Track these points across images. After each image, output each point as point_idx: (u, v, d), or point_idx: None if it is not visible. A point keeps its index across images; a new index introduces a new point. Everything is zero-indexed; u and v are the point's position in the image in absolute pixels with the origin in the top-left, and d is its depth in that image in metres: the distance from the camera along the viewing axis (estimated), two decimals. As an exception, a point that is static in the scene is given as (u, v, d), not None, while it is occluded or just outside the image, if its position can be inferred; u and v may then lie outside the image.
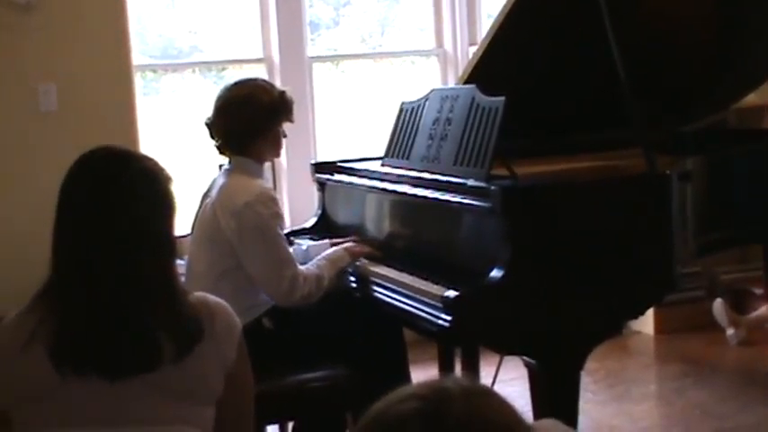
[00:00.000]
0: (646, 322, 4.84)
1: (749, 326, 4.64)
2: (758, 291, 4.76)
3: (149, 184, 1.77)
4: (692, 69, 3.55)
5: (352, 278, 3.11)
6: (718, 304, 4.75)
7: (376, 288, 2.99)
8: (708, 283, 5.06)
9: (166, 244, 1.77)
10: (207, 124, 3.06)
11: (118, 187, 1.74)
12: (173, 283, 1.75)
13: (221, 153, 3.09)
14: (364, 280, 3.07)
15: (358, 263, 3.10)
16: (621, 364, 4.50)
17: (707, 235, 3.26)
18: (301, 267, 2.95)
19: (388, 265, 3.02)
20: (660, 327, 4.89)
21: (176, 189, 1.83)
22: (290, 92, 3.12)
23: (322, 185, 3.67)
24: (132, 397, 1.68)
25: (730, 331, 4.66)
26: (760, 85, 3.88)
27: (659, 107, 3.22)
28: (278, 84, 4.44)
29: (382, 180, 3.27)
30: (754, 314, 4.69)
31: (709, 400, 4.01)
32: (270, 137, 3.04)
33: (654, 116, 3.03)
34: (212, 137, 3.07)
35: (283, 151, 3.29)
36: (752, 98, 4.27)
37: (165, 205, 1.78)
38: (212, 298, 1.82)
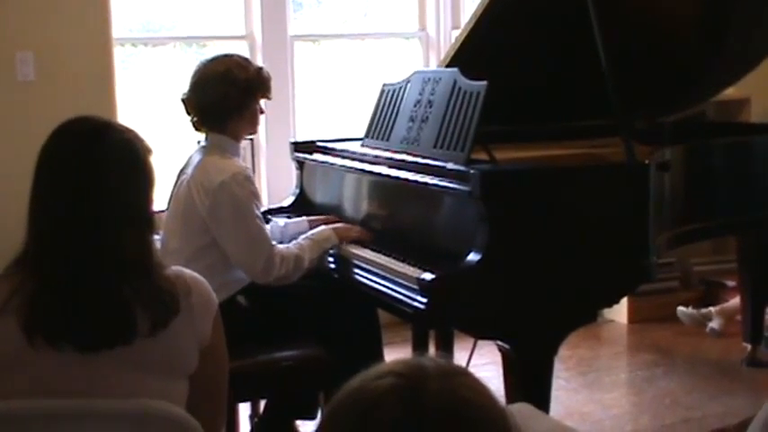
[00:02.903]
0: (619, 311, 4.87)
1: (724, 316, 4.67)
2: (731, 283, 4.80)
3: (128, 156, 1.75)
4: (674, 61, 3.56)
5: (330, 258, 3.11)
6: (681, 313, 4.76)
7: (352, 268, 2.98)
8: (681, 274, 5.10)
9: (144, 216, 1.75)
10: (182, 100, 3.04)
11: (96, 157, 1.73)
12: (149, 256, 1.74)
13: (197, 129, 3.06)
14: (341, 260, 3.07)
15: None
16: (594, 352, 4.53)
17: (682, 226, 3.29)
18: (280, 247, 2.94)
19: (366, 246, 3.02)
20: (633, 316, 4.92)
21: (156, 164, 1.81)
22: (267, 68, 3.10)
23: (300, 164, 3.65)
24: (105, 369, 1.67)
25: (713, 324, 4.66)
26: (740, 78, 3.89)
27: (641, 97, 3.22)
28: (259, 61, 4.42)
29: (361, 161, 3.26)
30: (727, 304, 4.71)
31: (679, 389, 4.05)
32: (246, 114, 3.01)
33: (635, 106, 3.03)
34: (188, 113, 3.04)
35: (262, 129, 3.29)
36: (731, 92, 4.29)
37: (143, 177, 1.77)
38: (189, 272, 1.81)
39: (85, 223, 1.69)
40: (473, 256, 2.60)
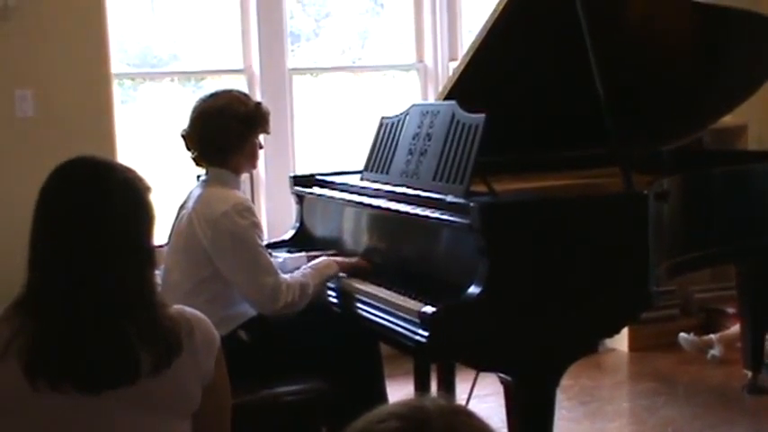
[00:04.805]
0: (620, 339, 4.85)
1: (725, 343, 4.66)
2: (731, 310, 4.80)
3: (129, 196, 1.75)
4: (671, 90, 3.58)
5: (332, 292, 3.11)
6: (682, 339, 4.75)
7: (354, 302, 2.98)
8: (682, 302, 5.10)
9: (145, 255, 1.75)
10: (183, 136, 3.06)
11: (97, 199, 1.73)
12: (152, 296, 1.74)
13: (198, 165, 3.09)
14: (342, 294, 3.07)
15: (340, 275, 3.09)
16: (595, 382, 4.51)
17: (682, 254, 3.29)
18: (284, 276, 2.95)
19: (366, 280, 3.02)
20: (634, 344, 4.91)
21: (155, 199, 1.82)
22: (265, 103, 3.12)
23: (300, 198, 3.66)
24: (108, 410, 1.66)
25: (714, 351, 4.66)
26: (737, 106, 3.91)
27: (639, 126, 3.24)
28: (257, 95, 4.45)
29: (361, 194, 3.27)
30: (728, 332, 4.70)
31: (681, 418, 4.04)
32: (246, 148, 3.04)
33: (633, 135, 3.04)
34: (188, 148, 3.07)
35: (262, 163, 3.30)
36: (728, 119, 4.31)
37: (144, 217, 1.77)
38: (191, 311, 1.81)
39: (87, 264, 1.69)
40: (474, 289, 2.60)
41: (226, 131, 2.99)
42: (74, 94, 4.15)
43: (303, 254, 3.29)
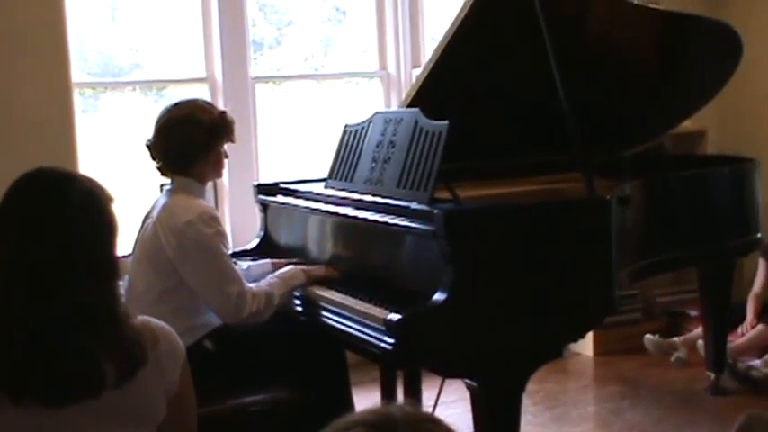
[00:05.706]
0: (585, 344, 4.89)
1: (688, 345, 4.70)
2: (693, 312, 4.85)
3: (90, 207, 1.74)
4: (632, 95, 3.62)
5: (297, 300, 3.10)
6: (648, 341, 4.79)
7: (319, 311, 2.98)
8: (645, 305, 5.14)
9: (108, 267, 1.74)
10: (147, 146, 3.04)
11: (58, 210, 1.71)
12: (115, 307, 1.72)
13: (163, 174, 3.07)
14: (307, 302, 3.06)
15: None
16: (561, 386, 4.54)
17: (644, 258, 3.32)
18: (250, 285, 2.94)
19: (332, 288, 3.02)
20: (599, 348, 4.95)
21: (117, 209, 1.81)
22: (230, 112, 3.11)
23: (264, 207, 3.65)
24: (72, 422, 1.65)
25: (679, 354, 4.70)
26: (696, 112, 3.95)
27: (600, 132, 3.27)
28: (220, 104, 4.43)
29: (325, 202, 3.26)
30: (691, 334, 4.75)
31: (646, 420, 4.07)
32: (211, 157, 3.03)
33: (594, 141, 3.07)
34: (153, 158, 3.05)
35: (225, 172, 3.29)
36: (688, 124, 4.36)
37: (106, 228, 1.76)
38: (156, 321, 1.80)
39: (48, 276, 1.67)
40: (439, 296, 2.60)
41: (190, 140, 2.98)
42: (34, 105, 4.11)
43: (268, 260, 3.28)
